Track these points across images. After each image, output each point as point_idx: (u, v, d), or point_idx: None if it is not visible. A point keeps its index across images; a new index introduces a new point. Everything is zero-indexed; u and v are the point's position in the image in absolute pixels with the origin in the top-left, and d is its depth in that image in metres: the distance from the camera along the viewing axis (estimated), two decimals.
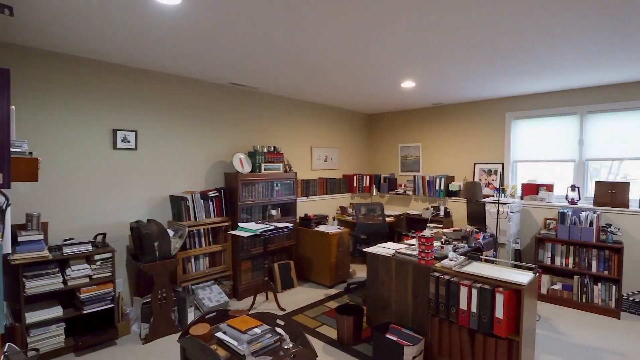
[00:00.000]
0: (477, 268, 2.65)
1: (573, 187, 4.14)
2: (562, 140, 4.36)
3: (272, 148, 4.43)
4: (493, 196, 4.55)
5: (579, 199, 4.15)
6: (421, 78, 3.80)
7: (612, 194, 3.87)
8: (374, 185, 6.03)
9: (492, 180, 4.87)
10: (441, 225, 4.87)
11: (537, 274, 2.52)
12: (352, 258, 5.13)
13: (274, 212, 4.46)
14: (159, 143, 3.68)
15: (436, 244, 3.16)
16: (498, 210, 3.38)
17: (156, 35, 2.64)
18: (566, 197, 4.20)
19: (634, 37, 2.61)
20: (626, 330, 3.41)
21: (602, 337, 3.26)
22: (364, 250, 3.29)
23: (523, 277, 2.44)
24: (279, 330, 2.08)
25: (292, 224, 4.01)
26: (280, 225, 3.81)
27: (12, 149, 1.79)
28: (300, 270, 4.81)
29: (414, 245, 3.24)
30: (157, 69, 3.53)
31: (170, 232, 3.32)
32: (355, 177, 5.84)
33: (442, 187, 5.23)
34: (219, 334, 2.00)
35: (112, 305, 3.02)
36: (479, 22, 2.37)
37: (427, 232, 3.98)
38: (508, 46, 2.83)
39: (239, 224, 3.76)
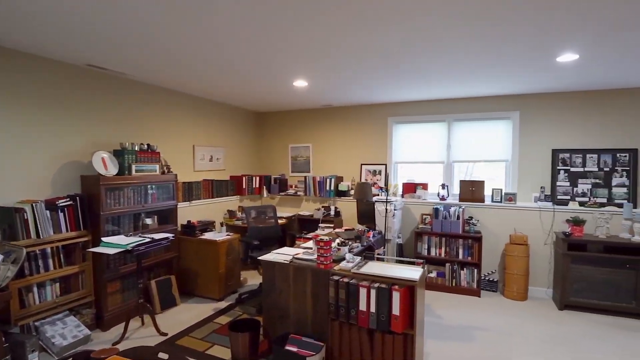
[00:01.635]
0: (373, 268, 2.68)
1: (443, 186, 4.68)
2: (435, 144, 4.89)
3: (146, 146, 3.78)
4: (379, 195, 4.81)
5: (448, 195, 4.71)
6: (313, 78, 3.73)
7: (472, 191, 4.50)
8: (264, 187, 5.79)
9: (377, 180, 5.17)
10: (332, 225, 4.94)
11: (425, 268, 2.67)
12: (243, 265, 4.80)
13: (149, 221, 3.81)
14: None
15: (332, 244, 3.11)
16: (386, 209, 3.53)
17: None
18: (438, 195, 4.72)
19: (496, 64, 3.03)
20: (485, 305, 3.98)
21: (470, 316, 3.72)
22: (259, 258, 3.03)
23: (414, 272, 2.55)
24: None
25: (172, 234, 3.48)
26: (157, 236, 3.25)
27: None
28: (184, 285, 4.25)
29: (312, 249, 3.13)
30: None
31: None
32: (244, 178, 5.50)
33: (332, 187, 5.32)
34: None
35: None
36: (364, 27, 2.37)
37: (320, 233, 3.94)
38: (390, 55, 2.95)
39: (103, 239, 3.06)
